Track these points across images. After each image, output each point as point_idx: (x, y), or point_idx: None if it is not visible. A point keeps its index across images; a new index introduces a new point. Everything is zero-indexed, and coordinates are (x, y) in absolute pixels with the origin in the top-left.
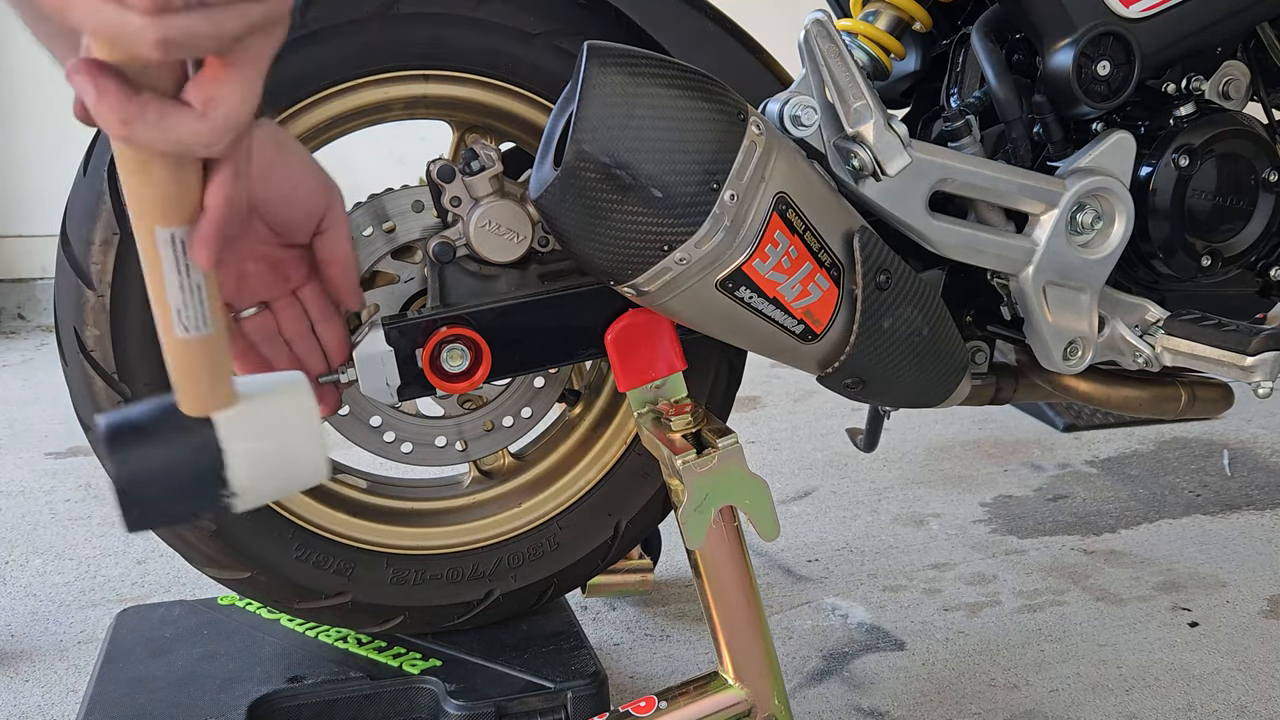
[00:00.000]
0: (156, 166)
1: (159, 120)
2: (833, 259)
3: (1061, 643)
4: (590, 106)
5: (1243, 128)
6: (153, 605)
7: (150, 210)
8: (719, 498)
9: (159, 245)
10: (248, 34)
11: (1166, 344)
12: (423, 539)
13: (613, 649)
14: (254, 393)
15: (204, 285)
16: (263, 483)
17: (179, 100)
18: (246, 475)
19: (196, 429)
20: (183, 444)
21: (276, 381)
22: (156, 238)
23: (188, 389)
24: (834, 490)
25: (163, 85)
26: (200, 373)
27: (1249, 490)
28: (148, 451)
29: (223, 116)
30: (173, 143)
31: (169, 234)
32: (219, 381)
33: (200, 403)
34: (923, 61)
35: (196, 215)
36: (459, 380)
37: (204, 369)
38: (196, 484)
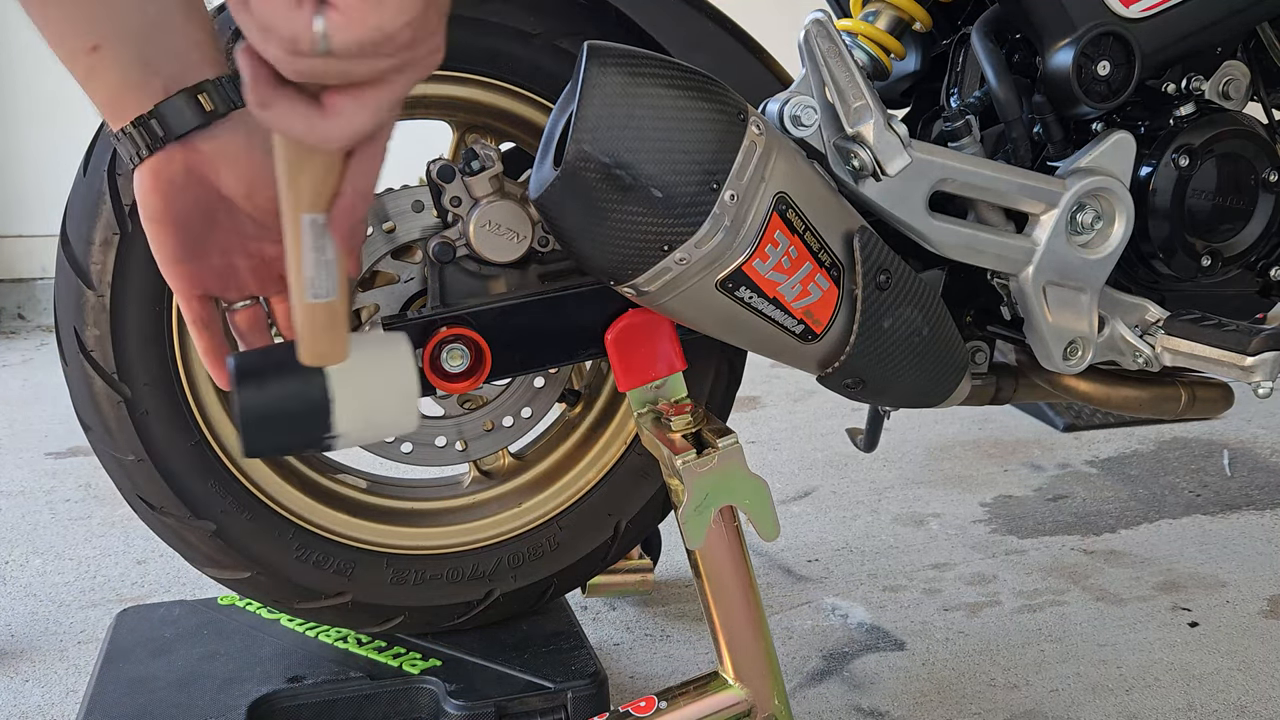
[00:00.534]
0: (308, 163)
1: (289, 111)
2: (833, 259)
3: (1061, 643)
4: (590, 106)
5: (1243, 128)
6: (153, 605)
7: (302, 198)
8: (719, 498)
9: (304, 227)
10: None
11: (1166, 344)
12: (423, 539)
13: (613, 649)
14: (363, 348)
15: (334, 260)
16: (361, 428)
17: (314, 100)
18: (347, 420)
19: (311, 377)
20: (299, 388)
21: (382, 340)
22: (303, 221)
23: (309, 345)
24: (834, 490)
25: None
26: (321, 331)
27: (1249, 490)
28: (269, 390)
29: (343, 124)
30: (296, 133)
31: (311, 219)
32: (336, 340)
33: (318, 356)
34: (923, 61)
35: (332, 203)
36: (459, 380)
37: (325, 328)
38: (307, 423)
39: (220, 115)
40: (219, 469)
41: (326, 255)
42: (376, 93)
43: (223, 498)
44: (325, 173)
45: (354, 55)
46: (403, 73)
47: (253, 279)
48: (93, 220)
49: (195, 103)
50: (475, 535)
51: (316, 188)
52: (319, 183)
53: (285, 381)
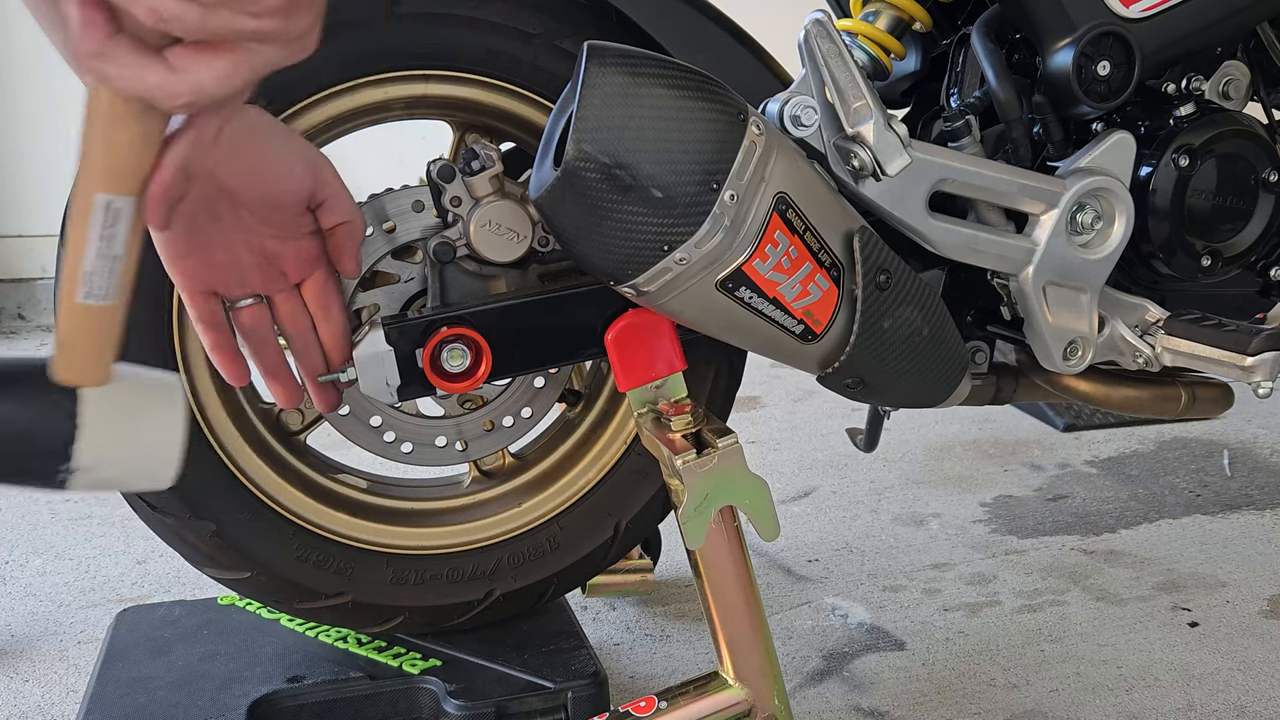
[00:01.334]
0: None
1: (131, 62)
2: (833, 259)
3: (1061, 643)
4: (590, 106)
5: (1243, 128)
6: (153, 605)
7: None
8: (719, 498)
9: (93, 209)
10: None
11: (1166, 344)
12: (423, 539)
13: (613, 649)
14: (129, 379)
15: (121, 259)
16: (105, 468)
17: (158, 54)
18: (91, 455)
19: (60, 396)
20: (40, 406)
21: (154, 377)
22: (94, 201)
23: (68, 356)
24: (834, 490)
25: (148, 38)
26: (86, 342)
27: (1249, 490)
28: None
29: (191, 81)
30: (137, 88)
31: (106, 200)
32: (100, 356)
33: (76, 372)
34: (923, 61)
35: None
36: (459, 380)
37: (91, 339)
38: (39, 449)
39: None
40: (219, 469)
41: (114, 248)
42: (230, 57)
43: (223, 498)
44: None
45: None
46: (264, 44)
47: (256, 275)
48: None
49: None
50: (475, 535)
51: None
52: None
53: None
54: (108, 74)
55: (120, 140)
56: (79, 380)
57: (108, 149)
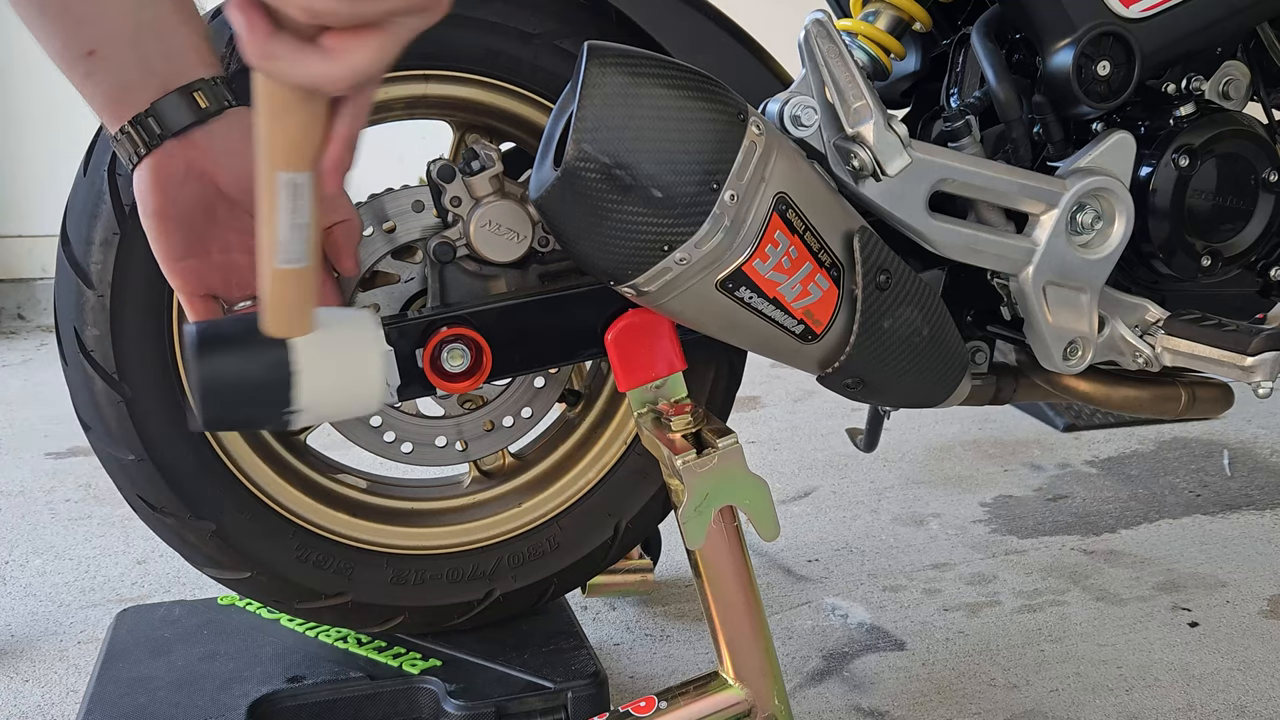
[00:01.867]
0: (290, 115)
1: (293, 56)
2: (833, 259)
3: (1061, 643)
4: (590, 106)
5: (1243, 128)
6: (153, 605)
7: (278, 154)
8: (719, 498)
9: (279, 186)
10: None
11: (1166, 344)
12: (423, 539)
13: (613, 649)
14: (329, 323)
15: (307, 226)
16: (322, 404)
17: (315, 44)
18: (309, 395)
19: (274, 348)
20: (261, 359)
21: (350, 316)
22: (278, 180)
23: (275, 314)
24: (834, 490)
25: (304, 31)
26: (289, 300)
27: (1249, 490)
28: (230, 359)
29: (349, 65)
30: (302, 79)
31: (289, 178)
32: (303, 310)
33: (283, 326)
34: (923, 61)
35: (313, 165)
36: (459, 380)
37: (293, 297)
38: (266, 396)
39: (215, 113)
40: (219, 469)
41: (301, 218)
42: (380, 35)
43: (223, 498)
44: (307, 128)
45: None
46: (410, 15)
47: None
48: (93, 220)
49: (191, 100)
50: (475, 535)
51: (297, 144)
52: (300, 138)
53: (247, 351)
54: (274, 69)
55: (292, 124)
56: (288, 332)
57: (284, 133)
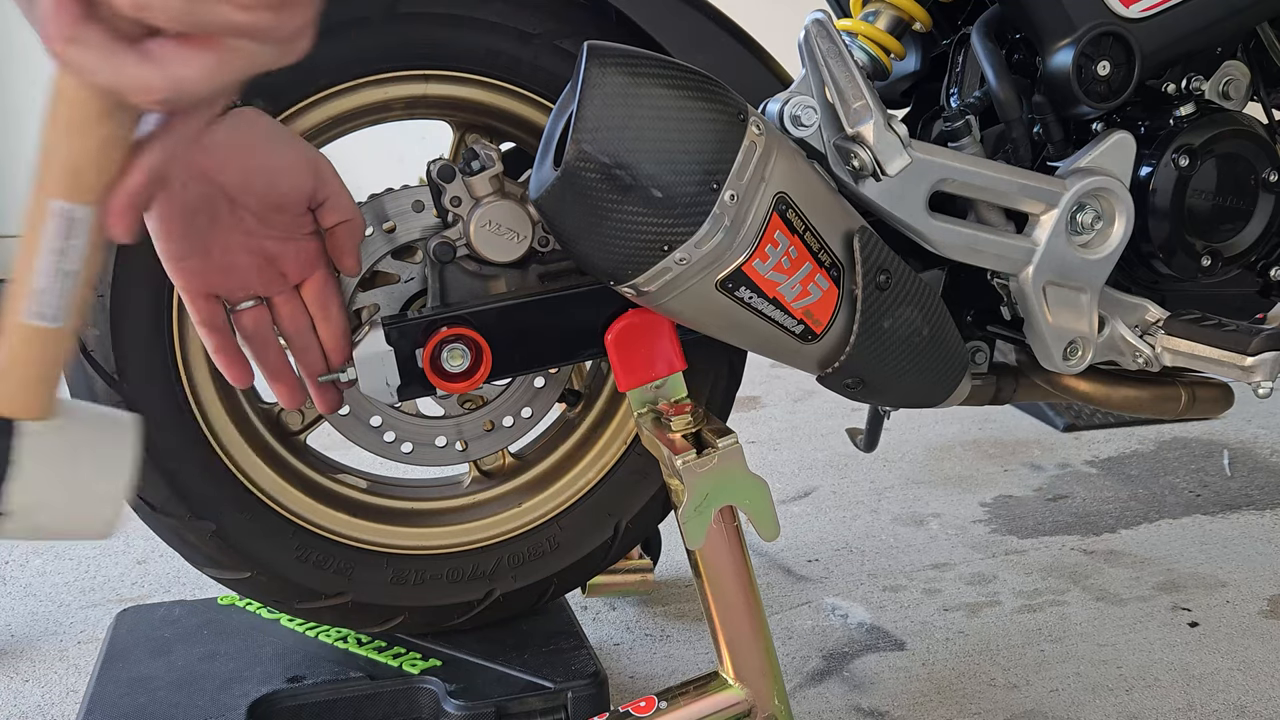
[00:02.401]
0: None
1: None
2: (833, 259)
3: (1061, 643)
4: (590, 106)
5: (1243, 128)
6: (153, 605)
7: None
8: (719, 498)
9: (50, 217)
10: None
11: (1166, 344)
12: (423, 539)
13: (613, 649)
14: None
15: (76, 276)
16: (38, 514)
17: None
18: (24, 499)
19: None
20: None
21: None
22: (50, 209)
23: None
24: (834, 490)
25: (124, 28)
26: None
27: (1249, 490)
28: None
29: (169, 76)
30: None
31: (66, 209)
32: (45, 386)
33: (16, 402)
34: (923, 61)
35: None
36: (459, 380)
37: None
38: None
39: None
40: (219, 469)
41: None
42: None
43: (223, 498)
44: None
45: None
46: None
47: (256, 277)
48: None
49: None
50: (475, 535)
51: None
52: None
53: None
54: (78, 61)
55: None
56: (17, 412)
57: (70, 150)
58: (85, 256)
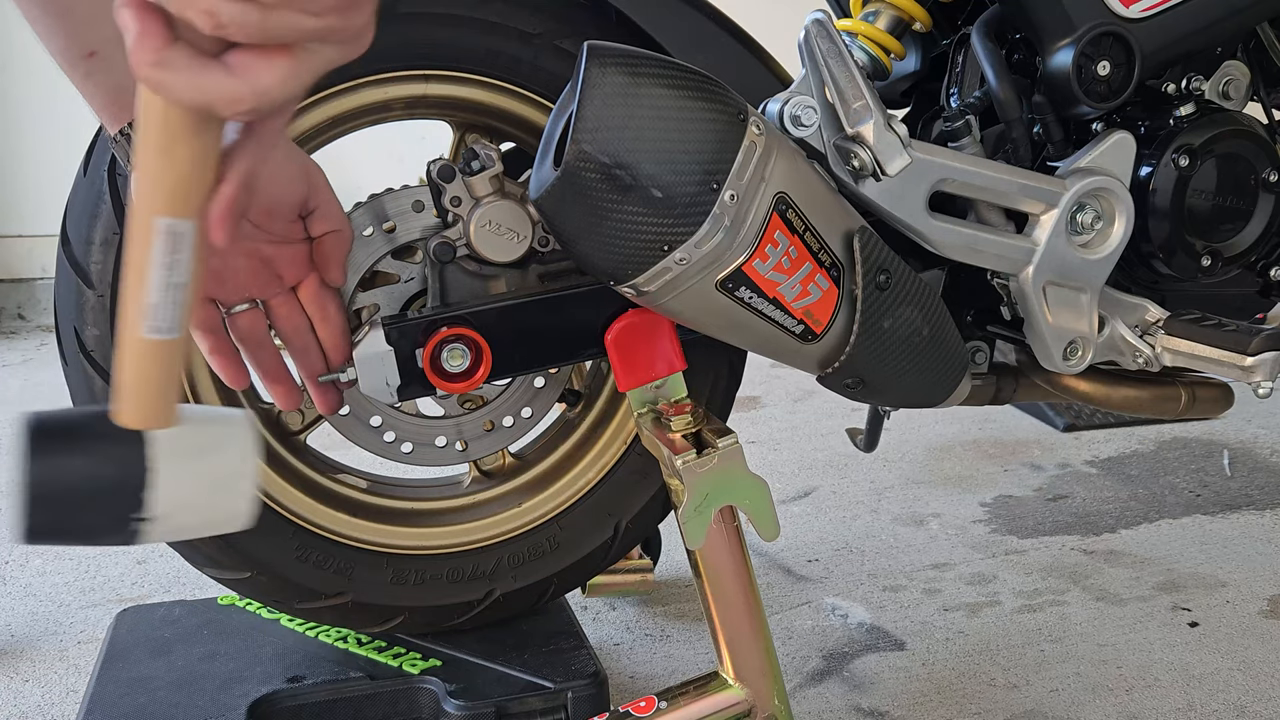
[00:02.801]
0: (178, 146)
1: (190, 69)
2: (833, 259)
3: (1061, 643)
4: (590, 106)
5: (1243, 128)
6: (153, 605)
7: (158, 196)
8: (719, 498)
9: (155, 234)
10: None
11: (1166, 344)
12: (423, 539)
13: (613, 649)
14: (196, 419)
15: (185, 287)
16: (180, 515)
17: (217, 59)
18: (166, 503)
19: (127, 442)
20: (109, 455)
21: (222, 415)
22: (154, 227)
23: (134, 396)
24: (834, 490)
25: (205, 45)
26: (152, 380)
27: (1249, 490)
28: (71, 455)
29: (253, 85)
30: (198, 96)
31: (169, 224)
32: (166, 395)
33: (142, 414)
34: (923, 61)
35: (199, 211)
36: (459, 380)
37: (157, 376)
38: (111, 501)
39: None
40: None
41: (179, 277)
42: (291, 58)
43: None
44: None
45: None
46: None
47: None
48: (93, 220)
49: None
50: (475, 535)
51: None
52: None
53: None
54: (167, 83)
55: (179, 159)
56: (147, 423)
57: (167, 169)
58: (191, 268)
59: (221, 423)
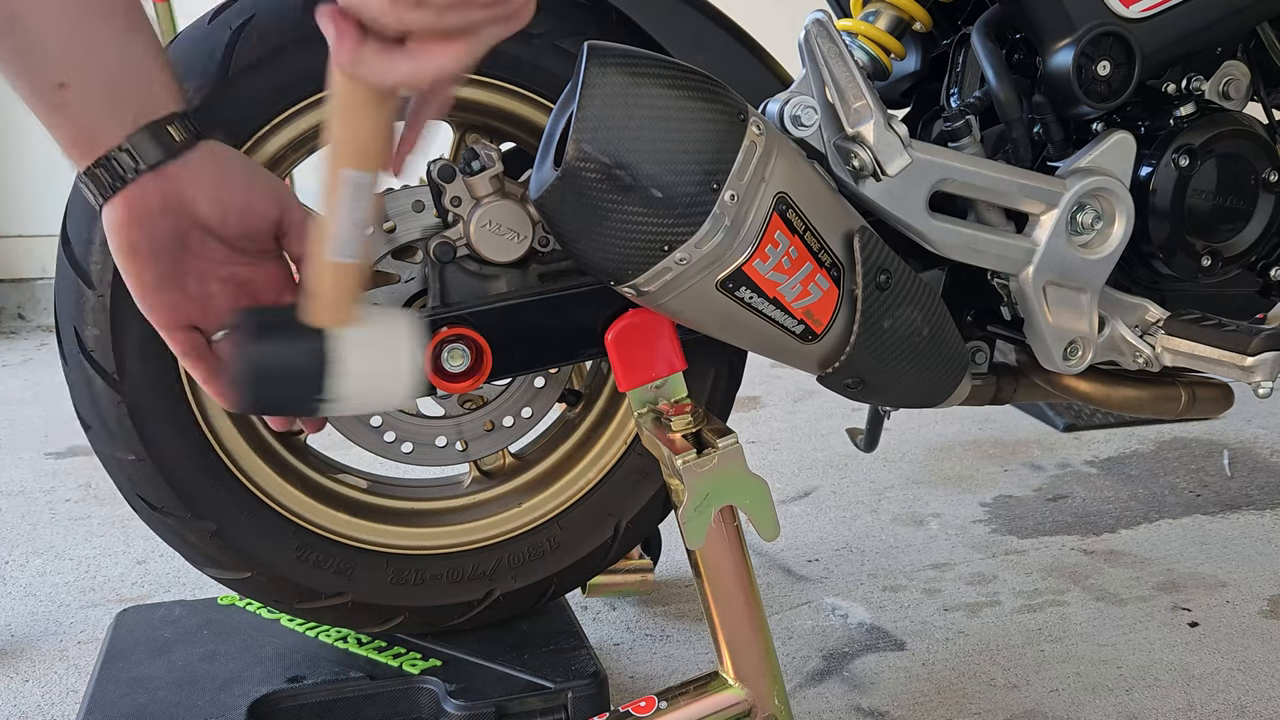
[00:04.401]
0: (364, 117)
1: (381, 61)
2: (833, 259)
3: (1061, 643)
4: (590, 106)
5: (1243, 128)
6: (153, 605)
7: (348, 154)
8: (719, 498)
9: (343, 183)
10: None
11: (1166, 344)
12: (423, 539)
13: (613, 649)
14: (369, 318)
15: (364, 223)
16: (353, 396)
17: (401, 46)
18: (344, 386)
19: (315, 337)
20: (302, 346)
21: (392, 313)
22: (342, 177)
23: (321, 304)
24: (834, 490)
25: (390, 37)
26: (336, 292)
27: (1249, 490)
28: (274, 345)
29: (434, 65)
30: (389, 80)
31: (355, 176)
32: (349, 303)
33: (327, 317)
34: (923, 61)
35: (378, 167)
36: (460, 380)
37: (341, 289)
38: (302, 382)
39: (190, 146)
40: (219, 469)
41: (359, 214)
42: (464, 41)
43: (223, 498)
44: (378, 131)
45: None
46: (494, 24)
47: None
48: (93, 221)
49: (166, 134)
50: (475, 535)
51: (367, 145)
52: (370, 141)
53: (287, 338)
54: (364, 73)
55: (365, 126)
56: (332, 323)
57: (356, 135)
58: (369, 210)
59: (390, 319)
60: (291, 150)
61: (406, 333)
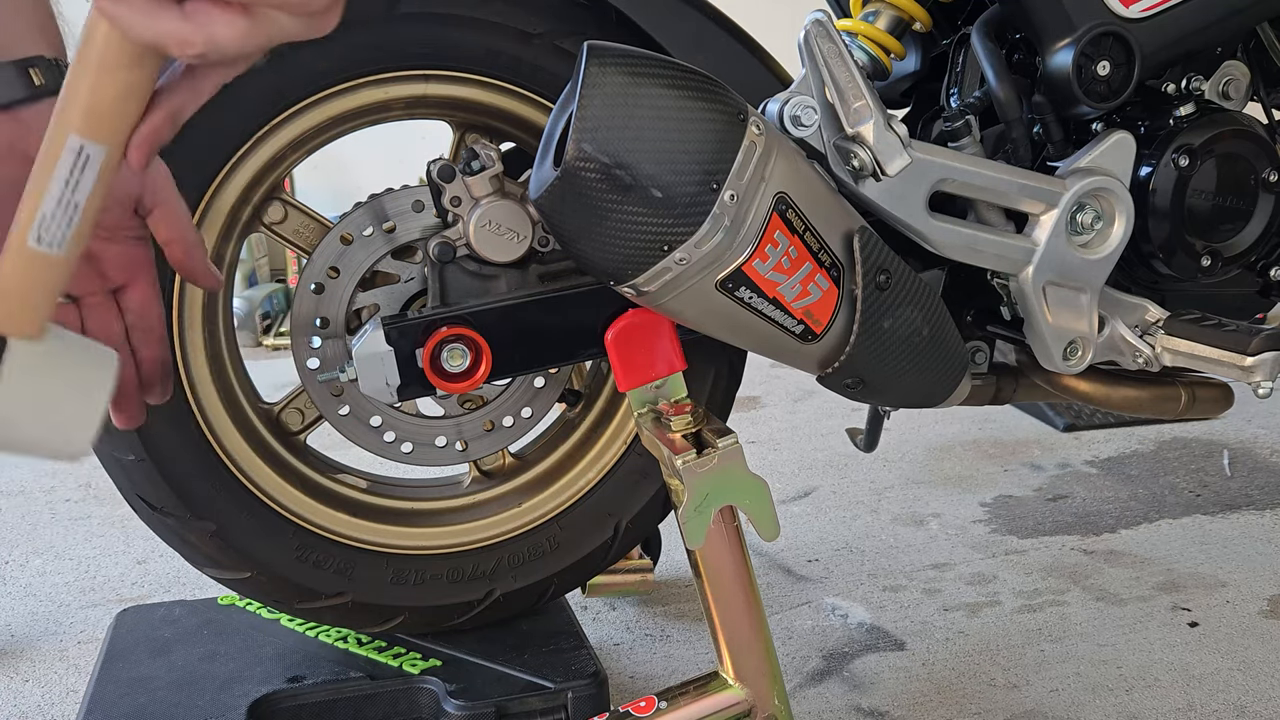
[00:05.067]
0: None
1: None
2: (833, 259)
3: (1061, 643)
4: (590, 106)
5: (1243, 128)
6: (153, 605)
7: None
8: (719, 498)
9: (65, 150)
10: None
11: (1166, 344)
12: (423, 539)
13: (613, 649)
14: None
15: (80, 209)
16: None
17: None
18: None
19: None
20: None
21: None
22: (66, 143)
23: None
24: (834, 490)
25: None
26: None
27: (1249, 490)
28: None
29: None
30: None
31: (80, 144)
32: (38, 309)
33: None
34: (923, 61)
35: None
36: (459, 380)
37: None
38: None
39: (49, 93)
40: (219, 469)
41: (77, 196)
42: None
43: (223, 498)
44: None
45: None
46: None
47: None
48: None
49: (26, 75)
50: (475, 535)
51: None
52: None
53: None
54: (124, 16)
55: (109, 85)
56: (9, 330)
57: (94, 91)
58: (91, 192)
59: (87, 351)
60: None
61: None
